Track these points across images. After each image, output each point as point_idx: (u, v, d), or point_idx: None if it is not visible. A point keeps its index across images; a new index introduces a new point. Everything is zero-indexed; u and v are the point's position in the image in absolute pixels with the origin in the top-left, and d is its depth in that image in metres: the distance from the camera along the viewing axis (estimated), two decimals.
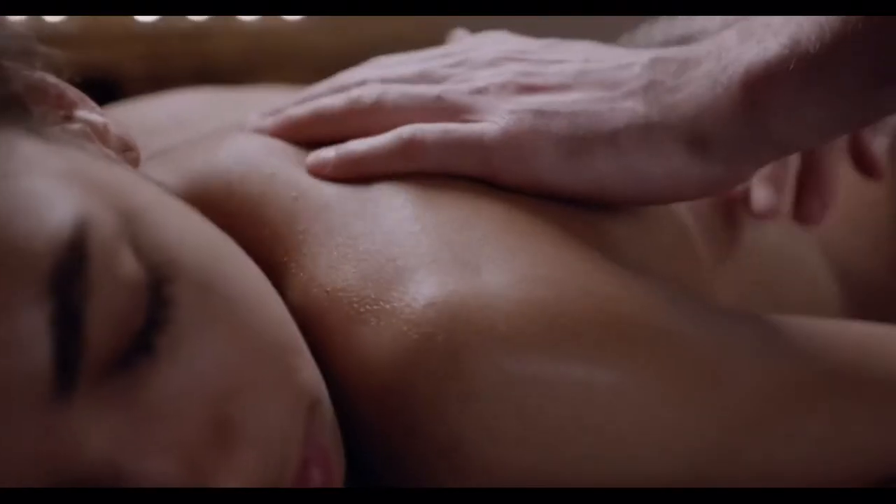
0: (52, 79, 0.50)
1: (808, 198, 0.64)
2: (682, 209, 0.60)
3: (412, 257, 0.49)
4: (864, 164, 0.66)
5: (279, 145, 0.57)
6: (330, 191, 0.53)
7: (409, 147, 0.53)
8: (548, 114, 0.53)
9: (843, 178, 0.70)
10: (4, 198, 0.40)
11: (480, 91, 0.55)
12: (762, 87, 0.49)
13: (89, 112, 0.51)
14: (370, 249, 0.50)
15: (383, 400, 0.47)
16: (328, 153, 0.55)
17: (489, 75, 0.55)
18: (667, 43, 0.86)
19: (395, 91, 0.56)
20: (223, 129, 0.61)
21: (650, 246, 0.56)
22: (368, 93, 0.56)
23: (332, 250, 0.50)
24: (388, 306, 0.47)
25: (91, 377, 0.40)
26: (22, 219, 0.40)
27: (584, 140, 0.52)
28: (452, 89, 0.55)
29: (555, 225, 0.52)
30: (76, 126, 0.49)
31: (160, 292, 0.42)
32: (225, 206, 0.53)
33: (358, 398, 0.48)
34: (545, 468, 0.47)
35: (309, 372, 0.47)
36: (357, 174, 0.53)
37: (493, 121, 0.53)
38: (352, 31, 2.31)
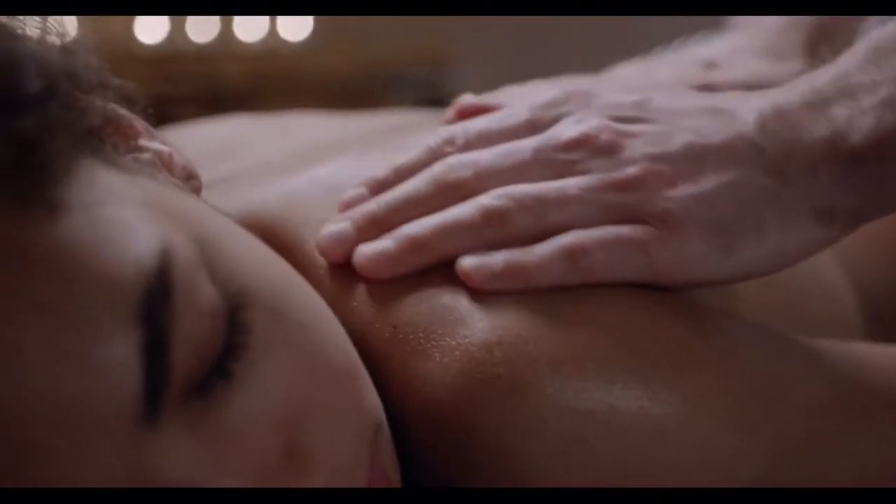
0: (121, 110, 0.50)
1: None
2: None
3: (479, 294, 0.50)
4: None
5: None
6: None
7: (575, 260, 0.51)
8: (697, 211, 0.52)
9: None
10: (92, 227, 0.41)
11: (624, 188, 0.52)
12: (885, 160, 0.51)
13: (155, 142, 0.52)
14: (440, 282, 0.51)
15: (445, 432, 0.48)
16: (493, 262, 0.51)
17: (622, 165, 0.53)
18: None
19: (531, 199, 0.53)
20: (279, 162, 0.62)
21: None
22: (506, 204, 0.52)
23: (399, 285, 0.51)
24: (453, 342, 0.49)
25: (173, 403, 0.41)
26: (110, 248, 0.41)
27: (734, 233, 0.52)
28: (593, 186, 0.53)
29: None
30: (145, 156, 0.50)
31: (236, 319, 0.43)
32: (282, 241, 0.54)
33: (418, 429, 0.49)
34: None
35: (373, 397, 0.48)
36: (524, 287, 0.51)
37: (651, 223, 0.52)
38: (353, 54, 2.33)
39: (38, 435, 0.39)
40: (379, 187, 0.55)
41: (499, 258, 0.51)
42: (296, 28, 2.40)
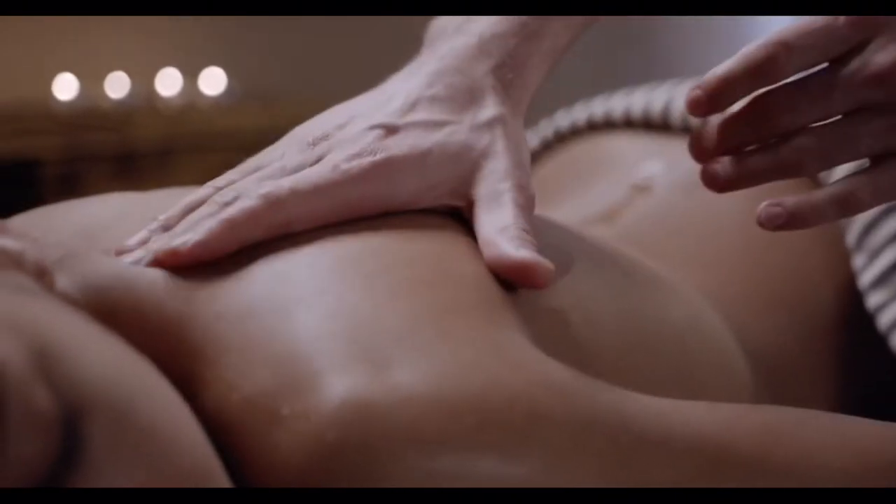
0: None
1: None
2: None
3: (325, 359, 0.50)
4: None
5: None
6: (247, 299, 0.54)
7: (274, 205, 0.58)
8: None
9: (750, 253, 0.75)
10: None
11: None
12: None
13: (5, 238, 0.51)
14: (285, 351, 0.51)
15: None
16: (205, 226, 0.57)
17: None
18: None
19: (279, 196, 0.59)
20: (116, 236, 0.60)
21: (557, 336, 0.58)
22: (256, 202, 0.58)
23: (248, 354, 0.51)
24: (302, 409, 0.48)
25: None
26: None
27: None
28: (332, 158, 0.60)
29: (469, 314, 0.54)
30: None
31: (75, 430, 0.42)
32: (133, 316, 0.54)
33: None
34: None
35: None
36: (237, 242, 0.56)
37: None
38: (269, 110, 2.32)
39: None
40: (167, 221, 0.60)
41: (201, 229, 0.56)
42: (212, 83, 2.40)
